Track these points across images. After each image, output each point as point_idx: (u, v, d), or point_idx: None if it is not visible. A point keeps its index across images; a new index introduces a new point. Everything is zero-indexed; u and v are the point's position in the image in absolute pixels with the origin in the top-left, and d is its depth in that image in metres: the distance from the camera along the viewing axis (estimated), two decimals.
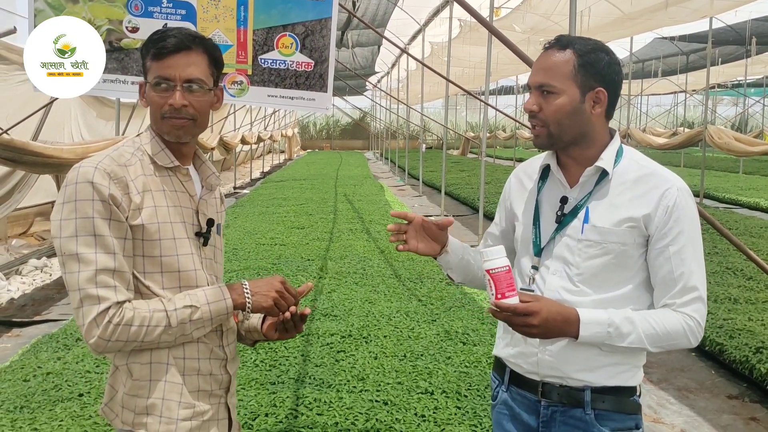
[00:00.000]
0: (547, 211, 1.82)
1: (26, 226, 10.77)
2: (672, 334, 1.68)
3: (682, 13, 12.21)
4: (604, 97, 1.73)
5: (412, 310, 5.67)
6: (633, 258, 1.72)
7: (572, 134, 1.74)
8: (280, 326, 1.85)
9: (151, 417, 1.65)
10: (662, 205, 1.69)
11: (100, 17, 2.90)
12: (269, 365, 4.34)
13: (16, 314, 6.51)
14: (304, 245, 8.57)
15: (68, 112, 10.86)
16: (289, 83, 3.09)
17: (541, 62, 1.75)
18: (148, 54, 1.70)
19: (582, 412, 1.74)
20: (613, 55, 1.74)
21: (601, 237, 1.72)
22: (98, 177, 1.58)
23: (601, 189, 1.75)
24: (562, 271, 1.76)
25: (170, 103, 1.67)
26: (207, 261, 1.76)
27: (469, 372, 4.29)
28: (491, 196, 13.69)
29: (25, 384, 4.15)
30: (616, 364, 1.74)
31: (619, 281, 1.73)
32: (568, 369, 1.75)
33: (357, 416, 3.61)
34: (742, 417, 4.30)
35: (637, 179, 1.73)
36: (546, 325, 1.63)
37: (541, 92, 1.73)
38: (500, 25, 13.33)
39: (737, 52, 20.72)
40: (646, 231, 1.71)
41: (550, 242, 1.79)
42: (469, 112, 48.43)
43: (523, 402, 1.84)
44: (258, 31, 3.03)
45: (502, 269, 1.64)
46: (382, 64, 26.07)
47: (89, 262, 1.56)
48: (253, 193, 15.57)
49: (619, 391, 1.75)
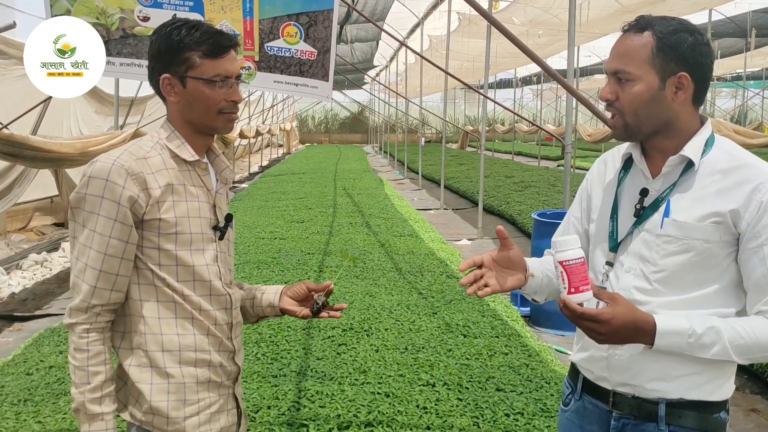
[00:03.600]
0: (626, 203, 1.68)
1: (26, 221, 10.78)
2: (764, 344, 1.50)
3: (682, 4, 12.20)
4: (687, 83, 1.56)
5: (413, 303, 5.68)
6: (718, 257, 1.56)
7: (653, 124, 1.60)
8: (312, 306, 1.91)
9: (158, 418, 1.67)
10: (755, 200, 1.51)
11: (112, 6, 3.01)
12: (271, 358, 4.36)
13: (18, 309, 6.53)
14: (304, 239, 8.57)
15: (67, 107, 10.86)
16: (293, 70, 3.17)
17: (618, 46, 1.61)
18: (196, 50, 1.66)
19: (655, 427, 1.60)
20: (698, 35, 1.56)
21: (681, 232, 1.56)
22: (114, 175, 1.59)
23: (686, 181, 1.59)
24: (637, 268, 1.63)
25: (233, 99, 1.70)
26: (222, 255, 1.77)
27: (470, 364, 4.31)
28: (490, 190, 13.71)
29: (28, 378, 4.17)
30: (697, 374, 1.57)
31: (701, 282, 1.57)
32: (640, 376, 1.61)
33: (359, 408, 3.62)
34: (743, 408, 4.33)
35: (727, 171, 1.56)
36: (615, 333, 1.49)
37: (617, 79, 1.59)
38: (499, 17, 13.31)
39: (737, 44, 20.69)
40: (735, 229, 1.54)
41: (627, 237, 1.65)
42: (467, 105, 48.39)
43: (594, 411, 1.71)
44: (264, 20, 3.10)
45: (576, 261, 1.53)
46: (381, 58, 26.04)
47: (84, 255, 1.62)
48: (251, 188, 15.57)
49: (701, 406, 1.59)
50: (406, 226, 9.79)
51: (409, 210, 11.93)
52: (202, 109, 1.70)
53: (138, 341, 1.67)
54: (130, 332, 1.68)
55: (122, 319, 1.68)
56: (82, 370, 1.60)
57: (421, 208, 13.24)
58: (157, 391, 1.66)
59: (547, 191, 13.47)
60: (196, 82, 1.67)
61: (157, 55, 1.70)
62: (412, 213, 11.52)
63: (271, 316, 1.95)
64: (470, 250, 9.25)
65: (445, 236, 9.87)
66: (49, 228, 10.96)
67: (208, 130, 1.75)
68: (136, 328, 1.67)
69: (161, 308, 1.67)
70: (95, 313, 1.61)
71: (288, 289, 1.93)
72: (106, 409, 1.61)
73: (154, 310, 1.67)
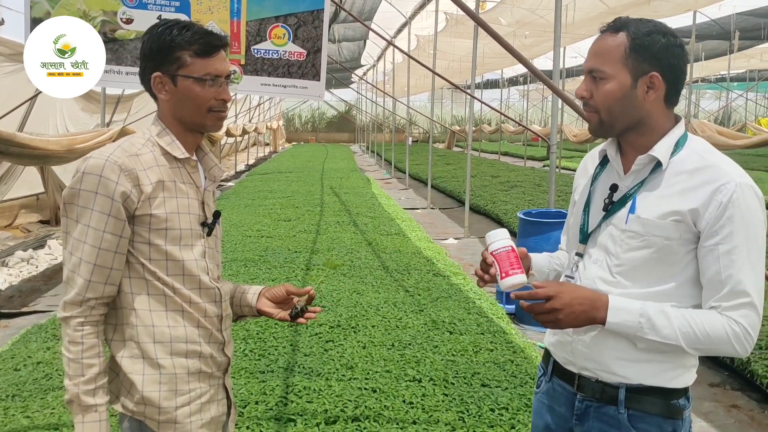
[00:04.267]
0: (598, 198, 1.77)
1: (11, 219, 10.73)
2: (713, 337, 1.56)
3: (666, 7, 12.34)
4: (659, 83, 1.62)
5: (400, 301, 5.73)
6: (678, 254, 1.62)
7: (626, 121, 1.66)
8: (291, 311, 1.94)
9: (149, 408, 1.71)
10: (715, 200, 1.56)
11: (94, 8, 2.94)
12: (258, 355, 4.39)
13: (4, 306, 6.51)
14: (291, 237, 8.60)
15: (53, 105, 10.82)
16: (281, 72, 3.16)
17: (594, 46, 1.67)
18: (187, 49, 1.70)
19: (615, 410, 1.67)
20: (672, 38, 1.62)
21: (643, 229, 1.63)
22: (107, 171, 1.63)
23: (654, 179, 1.65)
24: (602, 260, 1.70)
25: (223, 98, 1.74)
26: (210, 251, 1.81)
27: (456, 360, 4.36)
28: (477, 189, 13.77)
29: (16, 373, 4.17)
30: (657, 361, 1.64)
31: (661, 277, 1.64)
32: (602, 360, 1.68)
33: (346, 403, 3.66)
34: (724, 404, 4.40)
35: (694, 171, 1.61)
36: (571, 309, 1.58)
37: (593, 78, 1.66)
38: (486, 18, 13.38)
39: (721, 47, 20.89)
40: (695, 227, 1.59)
41: (596, 230, 1.74)
42: (455, 105, 48.54)
43: (563, 393, 1.80)
44: (251, 22, 3.09)
45: (504, 249, 1.68)
46: (368, 57, 26.05)
47: (77, 250, 1.65)
48: (238, 186, 15.55)
49: (660, 392, 1.65)
50: (393, 225, 9.83)
51: (396, 209, 11.97)
52: (192, 107, 1.74)
53: (130, 333, 1.70)
54: (122, 324, 1.71)
55: (114, 311, 1.72)
56: (77, 363, 1.63)
57: (408, 207, 13.28)
58: (149, 381, 1.70)
59: (533, 191, 13.56)
60: (186, 80, 1.71)
61: (149, 54, 1.73)
62: (399, 212, 11.56)
63: (249, 316, 1.99)
64: (457, 248, 9.30)
65: (432, 235, 9.92)
66: (35, 225, 10.91)
67: (198, 128, 1.79)
68: (128, 321, 1.70)
69: (152, 301, 1.71)
70: (90, 306, 1.65)
71: (267, 291, 1.96)
72: (100, 400, 1.65)
73: (146, 302, 1.71)
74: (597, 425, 1.70)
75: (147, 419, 1.71)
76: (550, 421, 1.84)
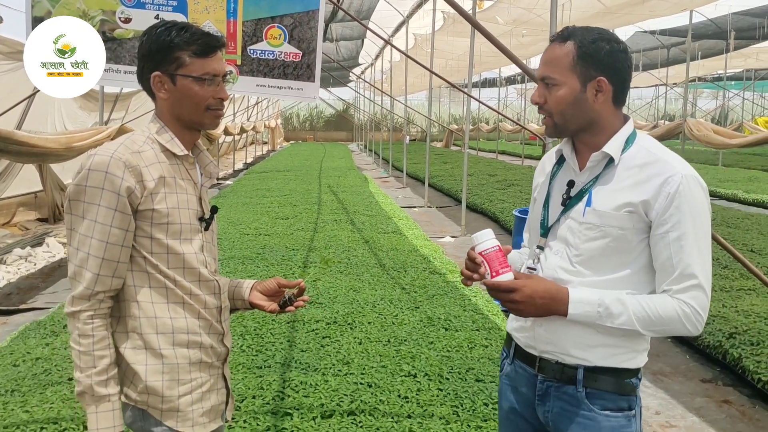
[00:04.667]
0: (556, 194, 1.89)
1: (9, 216, 10.76)
2: (665, 319, 1.70)
3: (663, 6, 12.37)
4: (606, 86, 1.76)
5: (396, 298, 5.77)
6: (632, 243, 1.75)
7: (578, 123, 1.80)
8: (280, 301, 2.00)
9: (152, 397, 1.76)
10: (664, 192, 1.70)
11: (93, 8, 2.98)
12: (255, 350, 4.43)
13: (2, 302, 6.54)
14: (288, 235, 8.64)
15: (51, 103, 10.85)
16: (277, 73, 3.20)
17: (545, 55, 1.81)
18: (186, 49, 1.76)
19: (574, 389, 1.80)
20: (615, 44, 1.76)
21: (600, 220, 1.75)
22: (113, 167, 1.68)
23: (607, 174, 1.79)
24: (563, 251, 1.82)
25: (220, 96, 1.81)
26: (207, 245, 1.87)
27: (451, 356, 4.41)
28: (474, 188, 13.82)
29: (14, 369, 4.21)
30: (612, 345, 1.77)
31: (617, 265, 1.76)
32: (562, 345, 1.80)
33: (342, 398, 3.71)
34: (715, 400, 4.45)
35: (643, 165, 1.75)
36: (531, 302, 1.72)
37: (545, 84, 1.80)
38: (483, 16, 13.43)
39: (717, 46, 20.96)
40: (647, 217, 1.72)
41: (556, 224, 1.86)
42: (452, 104, 48.55)
43: (524, 375, 1.92)
44: (247, 22, 3.13)
45: (492, 249, 1.78)
46: (366, 55, 26.08)
47: (84, 245, 1.69)
48: (236, 184, 15.58)
49: (614, 372, 1.79)
50: (390, 223, 9.88)
51: (394, 207, 12.01)
52: (191, 105, 1.79)
53: (133, 325, 1.75)
54: (125, 317, 1.76)
55: (116, 304, 1.77)
56: (88, 355, 1.68)
57: (406, 205, 13.32)
58: (152, 371, 1.75)
59: (530, 190, 13.24)
60: (185, 79, 1.77)
61: (148, 54, 1.78)
62: (396, 210, 11.60)
63: (242, 309, 2.05)
64: (453, 247, 9.35)
65: (429, 233, 9.96)
66: (33, 223, 10.94)
67: (195, 126, 1.84)
68: (131, 313, 1.75)
69: (154, 293, 1.76)
70: (98, 299, 1.70)
71: (259, 284, 2.03)
72: (112, 390, 1.70)
73: (148, 294, 1.76)
74: (558, 404, 1.83)
75: (150, 408, 1.76)
76: (514, 401, 1.96)
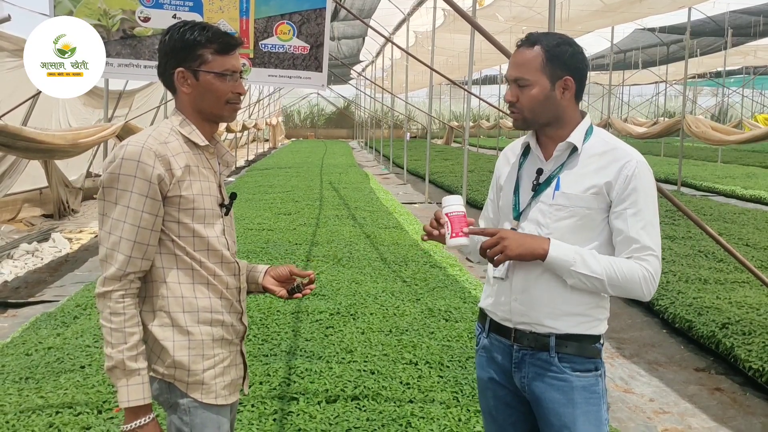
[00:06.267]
0: (525, 181, 2.10)
1: (15, 212, 10.88)
2: (629, 278, 1.92)
3: (661, 3, 12.48)
4: (571, 84, 2.00)
5: (397, 290, 5.90)
6: (596, 221, 1.98)
7: (546, 117, 2.02)
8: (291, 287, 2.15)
9: (179, 371, 1.89)
10: (622, 175, 1.95)
11: (114, 7, 3.15)
12: (261, 339, 4.56)
13: (11, 296, 6.67)
14: (291, 230, 8.77)
15: (56, 100, 10.95)
16: (287, 64, 3.46)
17: (515, 59, 2.02)
18: (209, 47, 1.90)
19: (548, 355, 2.01)
20: (576, 47, 2.01)
21: (569, 202, 1.98)
22: (144, 156, 1.81)
23: (572, 162, 2.02)
24: (535, 231, 2.02)
25: (239, 91, 1.96)
26: (228, 229, 2.02)
27: (452, 345, 4.53)
28: (474, 184, 13.94)
29: (27, 357, 4.34)
30: (579, 314, 2.01)
31: (585, 240, 1.99)
32: (535, 316, 2.02)
33: (346, 384, 3.84)
34: (708, 388, 4.57)
35: (603, 153, 2.00)
36: (516, 239, 1.92)
37: (518, 85, 2.01)
38: (484, 14, 13.54)
39: (716, 43, 21.07)
40: (608, 197, 1.96)
41: (527, 208, 2.06)
42: (453, 101, 48.67)
43: (500, 346, 2.12)
44: (259, 20, 3.34)
45: (458, 213, 1.99)
46: (367, 53, 26.18)
47: (117, 229, 1.82)
48: (238, 181, 15.72)
49: (581, 338, 2.01)
50: (391, 218, 10.00)
51: (394, 203, 12.14)
52: (212, 99, 1.94)
53: (160, 304, 1.89)
54: (152, 296, 1.90)
55: (144, 285, 1.90)
56: (120, 332, 1.80)
57: (406, 201, 13.44)
58: (179, 347, 1.89)
59: None
60: (208, 75, 1.92)
61: (171, 51, 1.93)
62: (397, 206, 11.73)
63: (255, 291, 2.20)
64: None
65: None
66: (38, 219, 11.07)
67: (215, 119, 2.00)
68: (158, 293, 1.89)
69: (181, 274, 1.90)
70: (129, 280, 1.83)
71: (272, 270, 2.17)
72: (141, 365, 1.83)
73: (175, 276, 1.90)
74: (533, 369, 2.04)
75: (176, 381, 1.90)
76: (492, 371, 2.15)
